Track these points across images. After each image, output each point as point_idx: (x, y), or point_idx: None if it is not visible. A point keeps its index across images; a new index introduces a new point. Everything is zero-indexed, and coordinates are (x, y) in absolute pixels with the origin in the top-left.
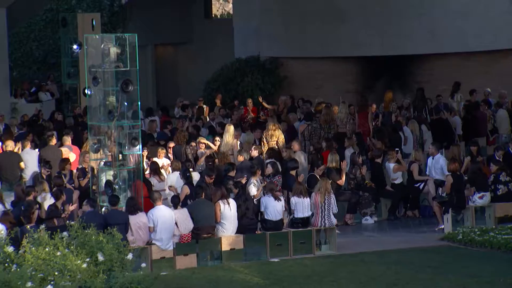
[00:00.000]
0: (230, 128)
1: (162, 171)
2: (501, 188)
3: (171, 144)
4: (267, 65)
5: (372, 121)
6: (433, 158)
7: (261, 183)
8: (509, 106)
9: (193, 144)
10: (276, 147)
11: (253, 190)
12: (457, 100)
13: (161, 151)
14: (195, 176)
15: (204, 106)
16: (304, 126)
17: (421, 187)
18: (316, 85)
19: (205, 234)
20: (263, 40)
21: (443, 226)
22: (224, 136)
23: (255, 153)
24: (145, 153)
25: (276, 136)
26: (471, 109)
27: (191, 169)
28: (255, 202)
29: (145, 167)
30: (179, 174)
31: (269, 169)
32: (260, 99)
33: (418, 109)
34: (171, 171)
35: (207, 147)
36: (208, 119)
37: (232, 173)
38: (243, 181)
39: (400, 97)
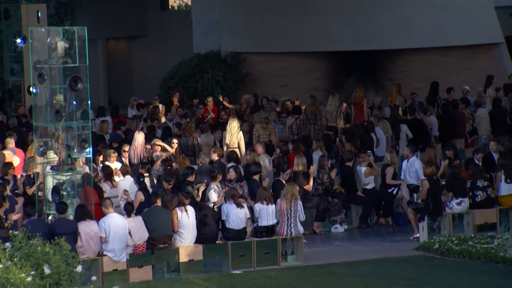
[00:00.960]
0: (234, 122)
1: (115, 176)
2: (480, 194)
3: (126, 147)
4: (229, 60)
5: (368, 114)
6: (407, 161)
7: (222, 188)
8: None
9: (148, 146)
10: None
11: (213, 196)
12: (489, 95)
13: (113, 155)
14: (151, 182)
15: (160, 105)
16: (292, 120)
17: (394, 192)
18: (281, 83)
19: (161, 244)
20: (224, 33)
21: (418, 235)
22: (228, 130)
23: (215, 156)
24: (100, 157)
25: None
26: (449, 108)
27: (146, 174)
28: (215, 209)
29: (99, 173)
30: (133, 179)
31: (231, 174)
32: (221, 98)
33: (430, 105)
34: (122, 176)
35: (163, 149)
36: (164, 120)
37: (191, 178)
38: (203, 186)
39: (372, 95)
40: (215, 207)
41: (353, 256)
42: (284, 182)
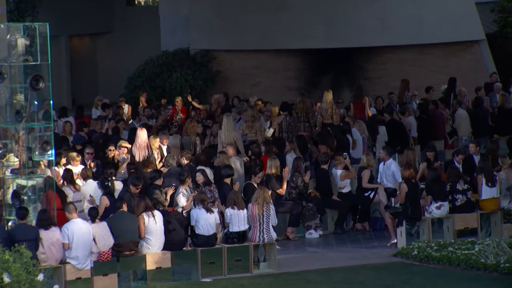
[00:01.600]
0: (229, 119)
1: (78, 180)
2: (460, 197)
3: (89, 150)
4: (198, 58)
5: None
6: (384, 164)
7: (191, 192)
8: (469, 105)
9: (112, 148)
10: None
11: (182, 200)
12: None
13: (77, 158)
14: (117, 185)
15: (126, 105)
16: (282, 117)
17: (371, 196)
18: (253, 82)
19: (127, 251)
20: (193, 30)
21: (396, 241)
22: (223, 128)
23: (184, 160)
24: (63, 160)
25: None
26: (427, 108)
27: (113, 178)
28: (184, 214)
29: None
30: (97, 183)
31: (199, 178)
32: (189, 98)
33: (446, 102)
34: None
35: (130, 152)
36: (131, 121)
37: (159, 182)
38: (171, 190)
39: (348, 95)
40: (184, 212)
41: (328, 263)
42: (256, 185)
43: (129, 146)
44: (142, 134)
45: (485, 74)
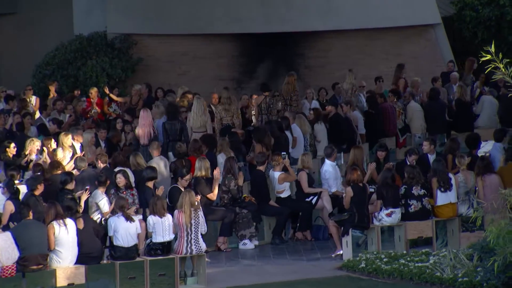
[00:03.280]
0: (199, 102)
1: None
2: (414, 203)
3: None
4: (117, 44)
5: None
6: (324, 165)
7: (109, 198)
8: (424, 97)
9: (12, 146)
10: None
11: (105, 205)
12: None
13: None
14: (23, 189)
15: (34, 97)
16: (261, 98)
17: (314, 201)
18: (180, 71)
19: (35, 265)
20: (110, 11)
21: (341, 252)
22: (192, 112)
23: (100, 164)
24: None
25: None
26: (376, 102)
27: (17, 181)
28: (103, 222)
29: None
30: (1, 186)
31: (119, 180)
32: (106, 90)
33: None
34: None
35: (41, 152)
36: (39, 115)
37: (71, 186)
38: (85, 195)
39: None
40: (103, 219)
41: (265, 277)
42: (182, 189)
43: (39, 145)
44: (145, 115)
45: (442, 62)
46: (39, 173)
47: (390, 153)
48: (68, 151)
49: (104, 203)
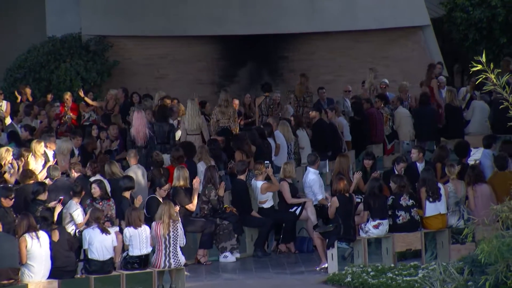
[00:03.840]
0: (193, 104)
1: None
2: (402, 214)
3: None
4: (92, 46)
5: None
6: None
7: (83, 209)
8: (413, 102)
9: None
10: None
11: (80, 216)
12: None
13: None
14: None
15: (4, 102)
16: (262, 98)
17: (298, 212)
18: (158, 74)
19: (5, 280)
20: (85, 12)
21: (326, 265)
22: (187, 114)
23: (74, 173)
24: None
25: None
26: (361, 107)
27: None
28: (77, 233)
29: None
30: None
31: (95, 190)
32: (81, 93)
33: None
34: None
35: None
36: (10, 121)
37: (43, 196)
38: (59, 206)
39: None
40: (77, 231)
41: None
42: (161, 200)
43: (10, 156)
44: (138, 116)
45: None
46: (10, 185)
47: (377, 161)
48: (41, 159)
49: (78, 214)
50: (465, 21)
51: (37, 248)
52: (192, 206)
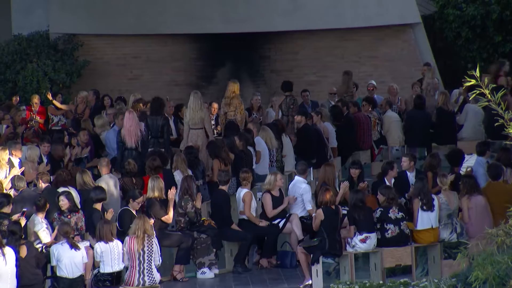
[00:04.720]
0: (196, 97)
1: None
2: (391, 228)
3: None
4: (60, 45)
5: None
6: (293, 184)
7: (48, 223)
8: (402, 105)
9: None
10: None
11: (46, 236)
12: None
13: None
14: None
15: None
16: (282, 99)
17: (281, 225)
18: (131, 75)
19: None
20: (53, 9)
21: (310, 282)
22: (188, 107)
23: (42, 183)
24: None
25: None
26: (341, 112)
27: None
28: (44, 250)
29: None
30: None
31: (63, 202)
32: (49, 96)
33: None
34: None
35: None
36: None
37: (7, 209)
38: (23, 220)
39: (251, 90)
40: (44, 247)
41: None
42: (134, 212)
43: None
44: (130, 117)
45: (421, 65)
46: None
47: (365, 168)
48: (5, 167)
49: (44, 232)
50: (458, 18)
51: (2, 266)
52: (168, 218)
